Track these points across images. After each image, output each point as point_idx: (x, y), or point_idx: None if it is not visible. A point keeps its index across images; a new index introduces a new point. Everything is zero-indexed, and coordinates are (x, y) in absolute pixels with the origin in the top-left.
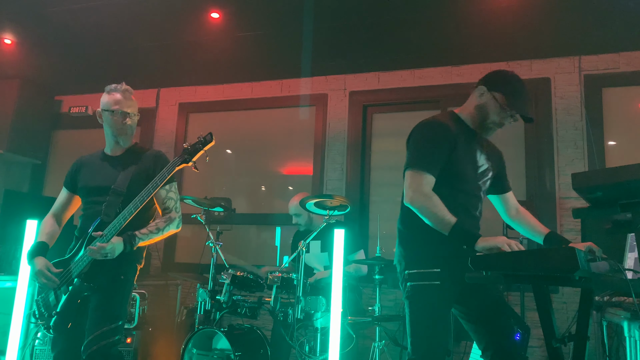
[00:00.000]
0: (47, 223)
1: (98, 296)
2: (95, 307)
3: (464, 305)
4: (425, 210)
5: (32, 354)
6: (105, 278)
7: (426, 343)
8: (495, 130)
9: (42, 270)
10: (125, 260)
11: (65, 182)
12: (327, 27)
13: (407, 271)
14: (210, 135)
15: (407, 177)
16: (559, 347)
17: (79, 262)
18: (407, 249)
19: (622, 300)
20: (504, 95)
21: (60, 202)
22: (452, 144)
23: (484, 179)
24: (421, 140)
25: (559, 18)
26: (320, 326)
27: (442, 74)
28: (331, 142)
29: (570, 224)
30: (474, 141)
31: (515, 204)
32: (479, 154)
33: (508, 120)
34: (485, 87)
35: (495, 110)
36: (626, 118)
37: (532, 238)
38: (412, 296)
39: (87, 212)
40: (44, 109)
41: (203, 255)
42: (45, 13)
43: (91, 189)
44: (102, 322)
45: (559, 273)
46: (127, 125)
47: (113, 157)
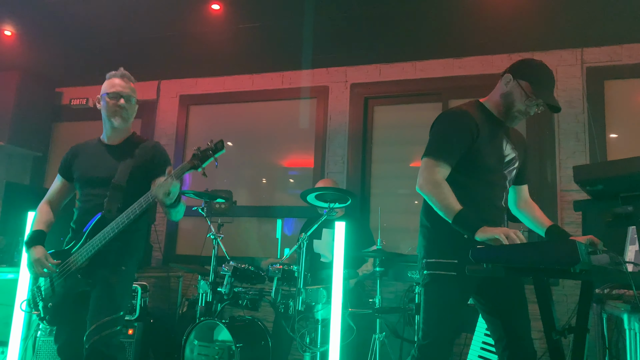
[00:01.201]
0: (43, 211)
1: (99, 287)
2: (97, 297)
3: (482, 296)
4: (432, 197)
5: (34, 345)
6: (106, 269)
7: (437, 331)
8: (520, 119)
9: (40, 259)
10: (126, 251)
11: (60, 169)
12: (328, 18)
13: (425, 260)
14: (222, 143)
15: (422, 164)
16: (559, 340)
17: (78, 256)
18: (427, 238)
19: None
20: (530, 83)
21: (56, 190)
22: (474, 133)
23: (509, 168)
24: (442, 129)
25: (561, 10)
26: (321, 318)
27: (443, 66)
28: (332, 135)
29: (571, 217)
30: (500, 130)
31: (526, 196)
32: (505, 143)
33: (534, 109)
34: (511, 75)
35: (521, 99)
36: (628, 111)
37: (534, 230)
38: (427, 284)
39: (86, 206)
40: (45, 101)
41: (204, 247)
42: (46, 4)
43: (89, 179)
44: (103, 312)
45: (559, 266)
46: (120, 106)
47: (111, 146)
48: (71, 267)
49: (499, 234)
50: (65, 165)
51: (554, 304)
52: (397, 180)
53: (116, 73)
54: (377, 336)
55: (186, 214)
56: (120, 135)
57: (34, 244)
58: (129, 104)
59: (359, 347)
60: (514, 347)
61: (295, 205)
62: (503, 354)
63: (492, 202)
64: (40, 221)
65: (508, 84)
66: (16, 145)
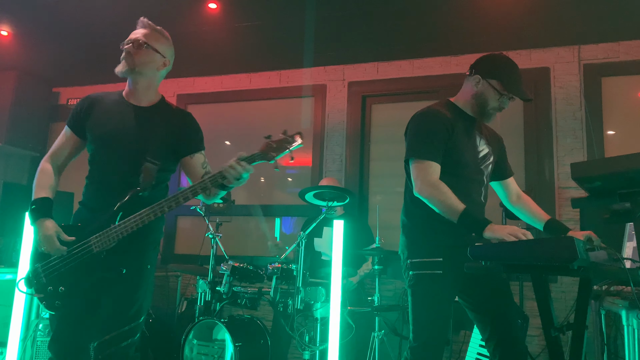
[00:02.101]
0: (48, 173)
1: (121, 288)
2: (117, 301)
3: (467, 294)
4: (433, 200)
5: (33, 345)
6: (131, 266)
7: (427, 331)
8: (495, 115)
9: (52, 236)
10: (152, 245)
11: (70, 122)
12: (326, 17)
13: (410, 260)
14: (301, 135)
15: (413, 168)
16: (557, 336)
17: (103, 237)
18: (410, 238)
19: (621, 290)
20: (500, 81)
21: (62, 146)
22: (449, 130)
23: (485, 163)
24: (420, 129)
25: (558, 7)
26: (320, 316)
27: (441, 64)
28: (330, 133)
29: (570, 214)
30: (472, 127)
31: (517, 190)
32: (478, 138)
33: (507, 103)
34: (479, 76)
35: (494, 97)
36: (625, 107)
37: (533, 224)
38: (414, 285)
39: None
40: (42, 101)
41: (203, 246)
42: (42, 4)
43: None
44: (123, 320)
45: (557, 262)
46: (127, 55)
47: (139, 107)
48: (93, 248)
49: (506, 235)
50: (78, 117)
51: (553, 300)
52: (395, 179)
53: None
54: (376, 334)
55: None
56: (145, 93)
57: (42, 215)
58: (137, 50)
59: (358, 345)
60: (504, 345)
61: (294, 204)
62: (494, 352)
63: (472, 197)
64: (45, 185)
65: (478, 84)
66: (14, 145)
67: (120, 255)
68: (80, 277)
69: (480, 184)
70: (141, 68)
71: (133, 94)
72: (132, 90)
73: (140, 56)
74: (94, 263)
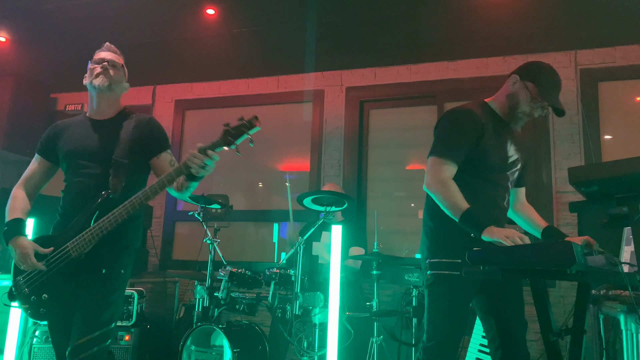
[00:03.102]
0: (19, 198)
1: (91, 292)
2: (87, 306)
3: (481, 295)
4: (439, 196)
5: (30, 352)
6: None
7: (442, 331)
8: (524, 120)
9: (27, 253)
10: (125, 250)
11: (40, 149)
12: (324, 22)
13: (429, 260)
14: (256, 118)
15: (429, 163)
16: (556, 341)
17: (82, 240)
18: (430, 238)
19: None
20: (536, 85)
21: (34, 172)
22: (479, 132)
23: (513, 169)
24: (447, 127)
25: (555, 12)
26: (319, 322)
27: (438, 69)
28: (328, 138)
29: (567, 218)
30: (504, 131)
31: (523, 199)
32: (509, 144)
33: (538, 111)
34: (518, 76)
35: (526, 100)
36: (622, 112)
37: (530, 231)
38: (431, 285)
39: (80, 187)
40: (40, 107)
41: (201, 252)
42: (40, 10)
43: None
44: (93, 325)
45: (555, 267)
46: (103, 68)
47: (101, 120)
48: (71, 253)
49: (503, 237)
50: (47, 144)
51: (551, 305)
52: (393, 183)
53: (102, 48)
54: (374, 339)
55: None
56: (110, 108)
57: (16, 234)
58: (114, 69)
59: (356, 350)
60: (507, 347)
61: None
62: (495, 353)
63: (496, 202)
64: (17, 208)
65: (514, 84)
66: (11, 151)
67: (99, 257)
68: (62, 282)
69: (506, 190)
70: (115, 85)
71: (98, 110)
72: (98, 107)
73: (117, 75)
74: (74, 267)
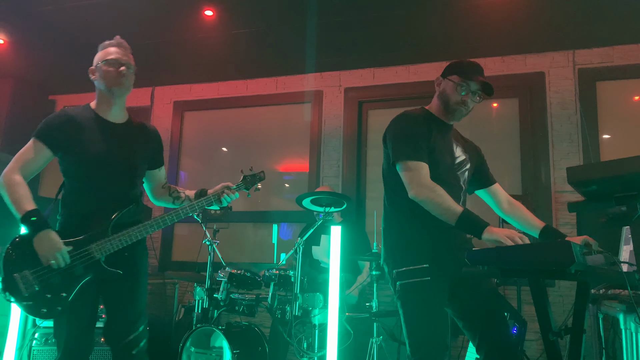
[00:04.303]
0: (23, 184)
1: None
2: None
3: (455, 302)
4: (430, 202)
5: (29, 354)
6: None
7: (424, 341)
8: (462, 111)
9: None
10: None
11: (45, 137)
12: (322, 23)
13: (395, 270)
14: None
15: (404, 171)
16: (555, 341)
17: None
18: (393, 247)
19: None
20: (457, 74)
21: (33, 160)
22: (428, 132)
23: (461, 169)
24: (402, 131)
25: (553, 12)
26: (318, 323)
27: (436, 70)
28: (327, 139)
29: (566, 218)
30: (448, 133)
31: (506, 197)
32: (454, 145)
33: (470, 96)
34: (441, 77)
35: (453, 90)
36: (620, 111)
37: (528, 232)
38: (403, 295)
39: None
40: (38, 109)
41: (200, 253)
42: (38, 12)
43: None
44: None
45: (555, 267)
46: (122, 75)
47: (116, 124)
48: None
49: (503, 237)
50: (56, 134)
51: (550, 305)
52: None
53: (111, 42)
54: (374, 340)
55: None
56: (121, 112)
57: (45, 227)
58: (129, 73)
59: (356, 351)
60: (495, 351)
61: (291, 210)
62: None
63: None
64: (29, 197)
65: (440, 84)
66: (10, 153)
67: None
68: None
69: (459, 190)
70: (130, 90)
71: (111, 112)
72: (111, 109)
73: (131, 79)
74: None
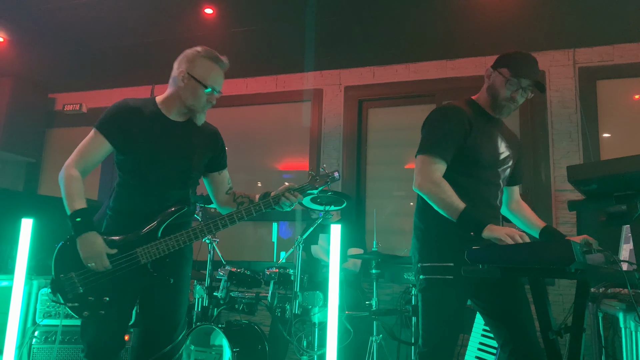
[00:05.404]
0: (79, 181)
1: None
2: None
3: (481, 299)
4: (433, 196)
5: (29, 352)
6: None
7: (436, 337)
8: (510, 108)
9: (102, 253)
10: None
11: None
12: (322, 21)
13: (421, 264)
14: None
15: (418, 162)
16: (555, 339)
17: (152, 249)
18: (422, 241)
19: (618, 292)
20: (508, 68)
21: (93, 154)
22: (467, 129)
23: (504, 166)
24: (435, 125)
25: (553, 11)
26: (318, 321)
27: (436, 68)
28: (327, 137)
29: (566, 217)
30: (494, 127)
31: (517, 197)
32: (500, 140)
33: (519, 92)
34: (491, 69)
35: (502, 85)
36: (621, 110)
37: (528, 231)
38: (425, 289)
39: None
40: (38, 107)
41: (200, 251)
42: (38, 10)
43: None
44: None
45: (554, 265)
46: (211, 104)
47: (177, 122)
48: (140, 259)
49: (504, 235)
50: (116, 126)
51: (550, 303)
52: (392, 182)
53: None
54: (374, 338)
55: None
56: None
57: (89, 229)
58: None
59: (356, 349)
60: (521, 349)
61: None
62: (510, 358)
63: (489, 201)
64: (80, 194)
65: (490, 76)
66: (9, 151)
67: (166, 266)
68: (126, 286)
69: (497, 188)
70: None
71: (175, 112)
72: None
73: None
74: (139, 272)
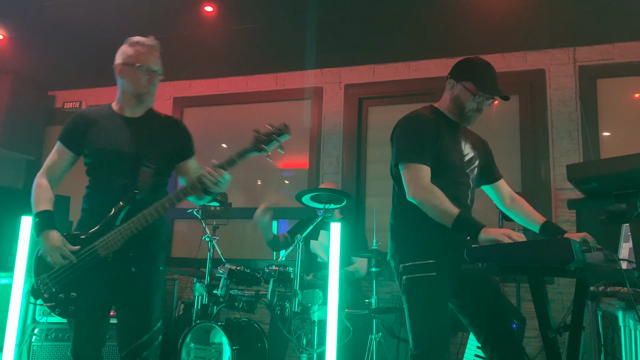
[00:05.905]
0: (45, 188)
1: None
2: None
3: (459, 298)
4: (427, 204)
5: (29, 350)
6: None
7: (428, 337)
8: (476, 116)
9: (59, 247)
10: (162, 245)
11: (65, 137)
12: (322, 20)
13: (402, 265)
14: (286, 126)
15: (404, 172)
16: (554, 338)
17: (108, 240)
18: (400, 242)
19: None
20: (472, 82)
21: (57, 162)
22: (436, 133)
23: (470, 167)
24: (408, 133)
25: (553, 9)
26: (318, 319)
27: (437, 66)
28: (327, 136)
29: (566, 215)
30: (456, 131)
31: (510, 193)
32: (463, 142)
33: (485, 103)
34: (453, 80)
35: (469, 99)
36: (621, 109)
37: (528, 227)
38: (409, 290)
39: (111, 184)
40: (37, 105)
41: (200, 249)
42: (37, 7)
43: (113, 156)
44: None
45: (554, 264)
46: (153, 84)
47: (132, 119)
48: (99, 252)
49: (501, 236)
50: (73, 135)
51: (549, 302)
52: (392, 181)
53: (146, 41)
54: (373, 337)
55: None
56: (141, 109)
57: (46, 227)
58: (156, 80)
59: (355, 347)
60: (501, 349)
61: (291, 207)
62: (492, 357)
63: (460, 200)
64: (45, 199)
65: (453, 88)
66: (9, 149)
67: (129, 256)
68: (91, 281)
69: (467, 187)
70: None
71: (129, 108)
72: (129, 106)
73: (156, 85)
74: (102, 266)
